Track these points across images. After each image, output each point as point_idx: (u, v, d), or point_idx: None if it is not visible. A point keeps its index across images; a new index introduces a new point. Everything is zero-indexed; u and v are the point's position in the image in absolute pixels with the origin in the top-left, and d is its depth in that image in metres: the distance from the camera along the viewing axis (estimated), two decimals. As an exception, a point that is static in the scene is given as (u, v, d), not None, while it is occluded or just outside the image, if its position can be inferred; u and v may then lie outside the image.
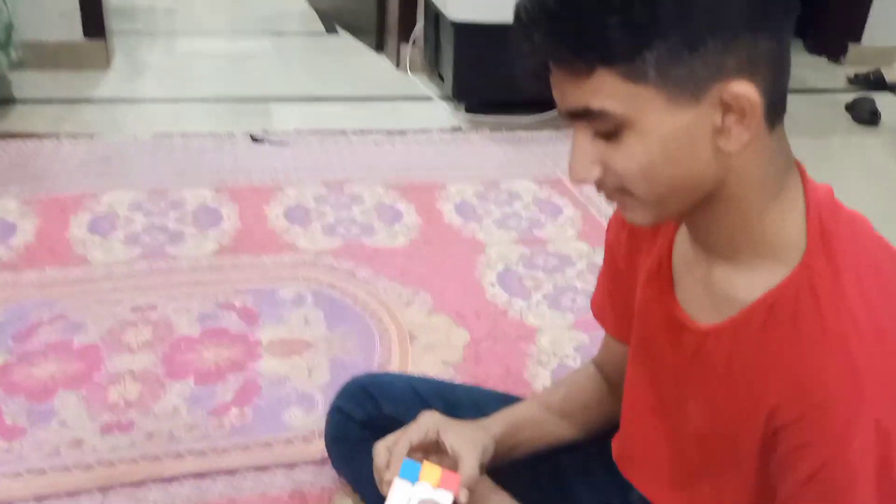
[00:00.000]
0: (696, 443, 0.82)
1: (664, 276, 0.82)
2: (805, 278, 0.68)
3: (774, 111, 0.67)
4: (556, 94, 0.69)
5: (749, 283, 0.72)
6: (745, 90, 0.64)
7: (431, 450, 0.95)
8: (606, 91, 0.64)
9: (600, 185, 0.71)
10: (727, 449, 0.77)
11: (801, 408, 0.67)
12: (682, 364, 0.80)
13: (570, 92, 0.67)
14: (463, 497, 0.87)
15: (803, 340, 0.68)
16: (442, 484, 0.87)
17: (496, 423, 1.01)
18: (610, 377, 1.03)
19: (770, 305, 0.70)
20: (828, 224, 0.70)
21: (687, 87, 0.64)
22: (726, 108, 0.65)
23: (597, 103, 0.65)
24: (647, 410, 0.89)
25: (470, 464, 0.91)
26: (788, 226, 0.70)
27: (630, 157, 0.67)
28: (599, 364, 1.05)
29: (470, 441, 0.94)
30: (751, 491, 0.77)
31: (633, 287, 0.89)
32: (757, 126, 0.66)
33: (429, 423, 0.96)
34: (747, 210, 0.70)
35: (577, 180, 0.71)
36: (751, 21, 0.63)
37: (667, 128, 0.65)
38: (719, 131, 0.66)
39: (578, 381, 1.07)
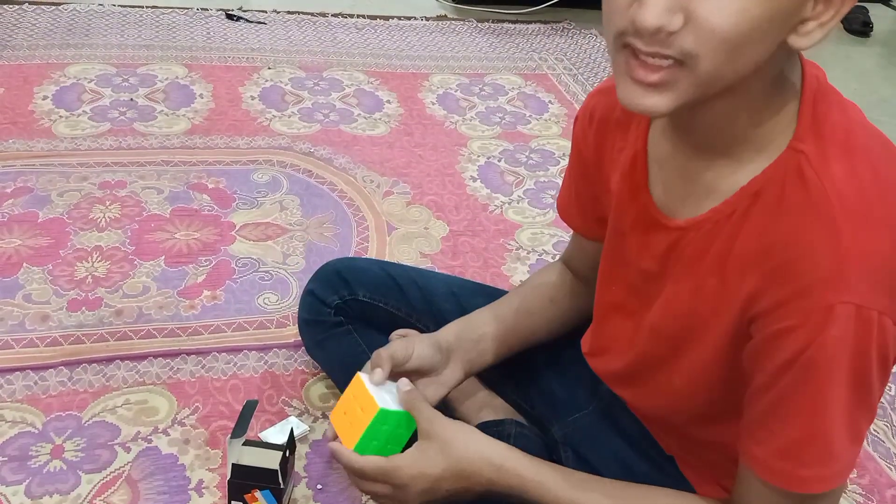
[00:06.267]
0: (652, 338, 0.81)
1: (639, 172, 0.78)
2: (793, 162, 0.65)
3: None
4: None
5: (734, 174, 0.69)
6: None
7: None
8: None
9: (664, 42, 0.59)
10: (687, 342, 0.76)
11: (783, 292, 0.65)
12: (653, 262, 0.78)
13: None
14: (375, 377, 0.89)
15: (788, 223, 0.65)
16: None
17: (450, 325, 1.01)
18: (581, 273, 1.01)
19: (755, 193, 0.67)
20: (819, 109, 0.66)
21: None
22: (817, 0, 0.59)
23: None
24: (614, 307, 0.87)
25: (394, 349, 0.92)
26: (782, 112, 0.67)
27: (740, 10, 0.57)
28: (568, 260, 1.04)
29: (406, 340, 0.96)
30: (712, 386, 0.76)
31: (602, 183, 0.86)
32: (833, 27, 0.60)
33: (373, 359, 0.94)
34: (751, 104, 0.66)
35: (652, 25, 0.58)
36: None
37: None
38: (797, 26, 0.60)
39: (543, 278, 1.05)
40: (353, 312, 1.14)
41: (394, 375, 0.91)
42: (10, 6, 2.31)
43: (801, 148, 0.65)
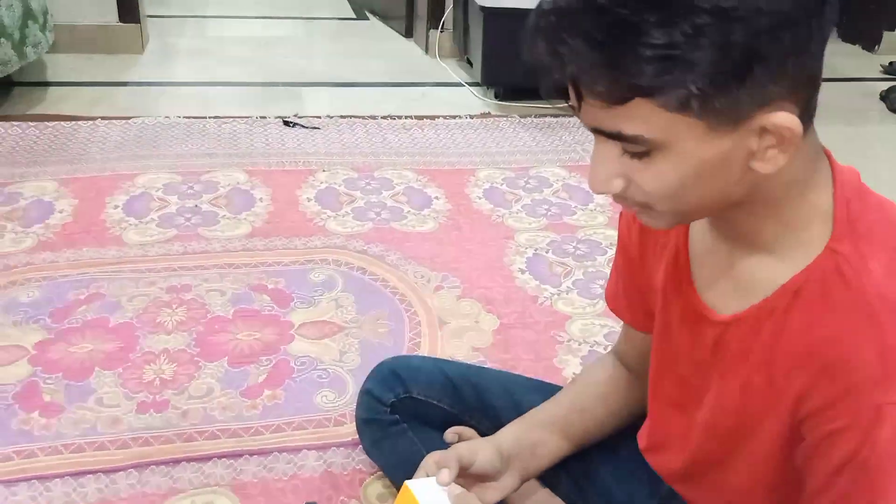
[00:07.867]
0: (706, 435, 0.81)
1: (682, 268, 0.81)
2: (831, 262, 0.68)
3: (808, 119, 0.66)
4: (584, 115, 0.66)
5: (773, 271, 0.71)
6: (787, 121, 0.62)
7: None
8: (643, 118, 0.62)
9: (620, 198, 0.70)
10: (742, 440, 0.77)
11: (831, 392, 0.66)
12: (702, 356, 0.80)
13: (600, 115, 0.64)
14: (443, 477, 0.87)
15: (832, 322, 0.67)
16: None
17: (508, 429, 1.02)
18: (632, 365, 1.02)
19: (795, 291, 0.70)
20: (854, 209, 0.69)
21: (729, 116, 0.62)
22: (763, 132, 0.63)
23: (631, 129, 0.63)
24: (667, 402, 0.89)
25: (461, 452, 0.92)
26: (815, 214, 0.70)
27: (659, 177, 0.65)
28: (620, 353, 1.05)
29: (470, 444, 0.97)
30: (771, 484, 0.77)
31: (647, 277, 0.89)
32: (795, 149, 0.64)
33: (426, 463, 0.95)
34: (775, 206, 0.70)
35: (598, 192, 0.69)
36: (796, 46, 0.61)
37: (703, 154, 0.64)
38: (754, 154, 0.65)
39: (594, 376, 1.07)
40: (408, 410, 1.16)
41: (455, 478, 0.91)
42: (85, 122, 2.49)
43: (838, 249, 0.68)
